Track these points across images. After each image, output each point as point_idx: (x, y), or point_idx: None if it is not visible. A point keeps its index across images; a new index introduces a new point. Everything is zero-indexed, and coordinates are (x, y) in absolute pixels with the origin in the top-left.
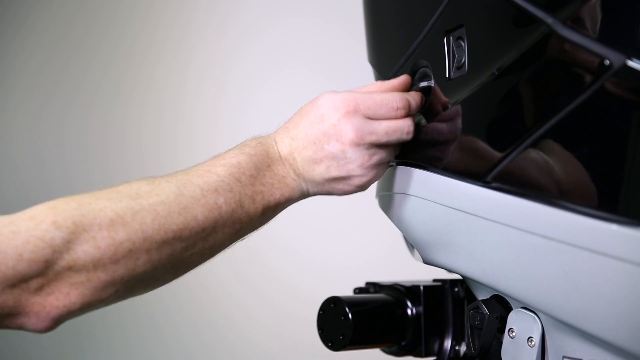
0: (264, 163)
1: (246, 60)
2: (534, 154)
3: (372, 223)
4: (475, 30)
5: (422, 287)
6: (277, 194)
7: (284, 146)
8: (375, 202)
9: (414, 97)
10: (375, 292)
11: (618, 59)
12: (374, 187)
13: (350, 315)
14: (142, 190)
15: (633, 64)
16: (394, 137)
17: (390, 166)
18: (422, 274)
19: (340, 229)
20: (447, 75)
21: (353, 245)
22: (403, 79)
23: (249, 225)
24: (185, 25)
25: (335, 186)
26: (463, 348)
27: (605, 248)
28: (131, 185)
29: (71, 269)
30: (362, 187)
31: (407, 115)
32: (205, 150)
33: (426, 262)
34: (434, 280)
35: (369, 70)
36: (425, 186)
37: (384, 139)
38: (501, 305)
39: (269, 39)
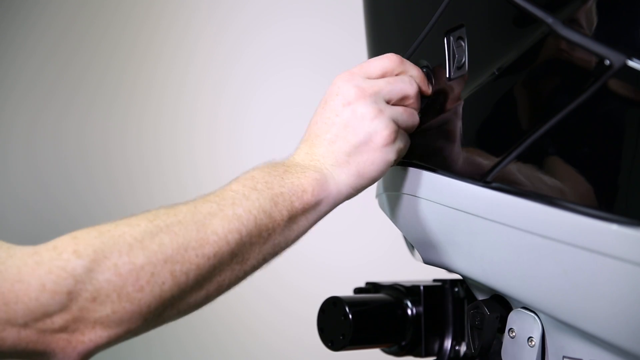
0: (279, 170)
1: (246, 60)
2: (535, 154)
3: (372, 223)
4: (475, 30)
5: (422, 287)
6: (299, 192)
7: (299, 152)
8: (375, 202)
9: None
10: (375, 292)
11: (618, 59)
12: (374, 187)
13: (350, 315)
14: (160, 213)
15: (633, 64)
16: (397, 88)
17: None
18: (422, 274)
19: (341, 229)
20: (447, 75)
21: (353, 245)
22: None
23: (278, 233)
24: (185, 25)
25: (362, 158)
26: (463, 348)
27: (605, 248)
28: (150, 211)
29: (95, 300)
30: (389, 150)
31: (405, 68)
32: (205, 150)
33: (426, 262)
34: (434, 280)
35: None
36: (425, 186)
37: (386, 88)
38: (501, 305)
39: (269, 39)
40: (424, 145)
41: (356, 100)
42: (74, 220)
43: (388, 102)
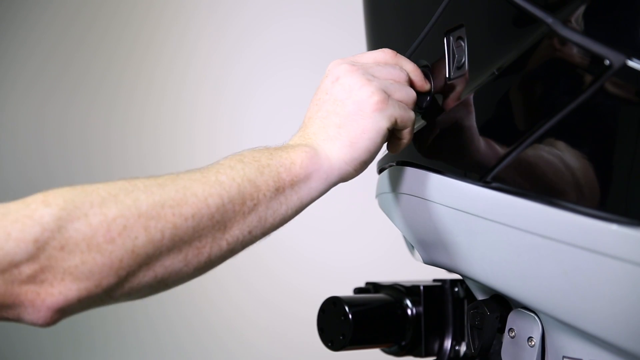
0: (270, 149)
1: (246, 60)
2: (534, 154)
3: (372, 223)
4: (475, 30)
5: (422, 287)
6: (287, 163)
7: (294, 136)
8: (375, 202)
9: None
10: (375, 292)
11: (618, 59)
12: (374, 187)
13: (350, 315)
14: (140, 178)
15: (633, 64)
16: (386, 71)
17: (390, 166)
18: (422, 274)
19: (340, 229)
20: (447, 75)
21: (353, 245)
22: None
23: (264, 204)
24: (185, 25)
25: (352, 127)
26: (463, 348)
27: (605, 248)
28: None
29: (63, 249)
30: (379, 117)
31: (398, 61)
32: (205, 149)
33: (426, 262)
34: (434, 280)
35: None
36: (425, 186)
37: (376, 69)
38: (501, 305)
39: (269, 39)
40: (423, 145)
41: (344, 75)
42: None
43: None
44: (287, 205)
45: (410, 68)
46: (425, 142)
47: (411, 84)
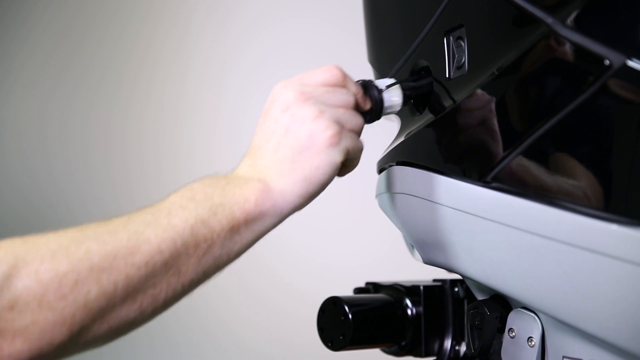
0: (220, 182)
1: (246, 60)
2: (534, 154)
3: (372, 223)
4: (475, 30)
5: (422, 287)
6: (241, 201)
7: (242, 165)
8: (375, 203)
9: (343, 71)
10: (375, 292)
11: (618, 59)
12: (374, 187)
13: (350, 315)
14: (92, 224)
15: (633, 64)
16: (336, 97)
17: (390, 166)
18: (422, 274)
19: (341, 229)
20: (447, 75)
21: (353, 245)
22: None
23: (218, 245)
24: (185, 25)
25: (306, 164)
26: (463, 348)
27: (605, 248)
28: (83, 224)
29: (13, 309)
30: (334, 152)
31: (346, 83)
32: (204, 149)
33: (426, 262)
34: (434, 280)
35: (369, 70)
36: (425, 186)
37: (326, 95)
38: (501, 305)
39: (269, 39)
40: (423, 145)
41: (295, 104)
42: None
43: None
44: (242, 243)
45: (355, 89)
46: (425, 142)
47: (356, 105)
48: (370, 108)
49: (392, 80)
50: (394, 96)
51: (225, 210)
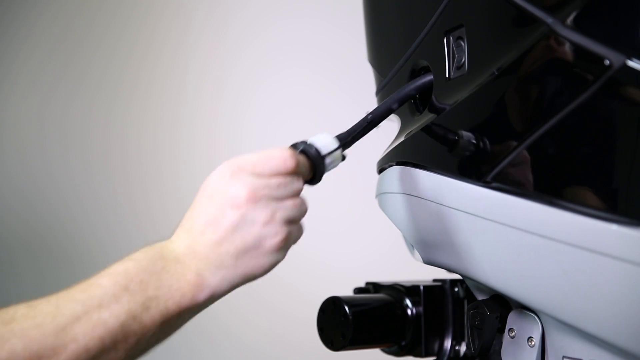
0: (156, 266)
1: (246, 60)
2: (534, 154)
3: (373, 223)
4: (475, 30)
5: (422, 287)
6: (176, 297)
7: (180, 242)
8: (375, 203)
9: (295, 155)
10: (375, 292)
11: (618, 59)
12: (374, 187)
13: (350, 315)
14: (18, 314)
15: (633, 64)
16: (289, 190)
17: (390, 166)
18: (422, 274)
19: (341, 229)
20: (447, 75)
21: (353, 245)
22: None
23: (148, 338)
24: (185, 25)
25: (250, 263)
26: (463, 348)
27: (605, 248)
28: (9, 309)
29: None
30: (280, 253)
31: (297, 170)
32: (204, 149)
33: (426, 262)
34: (434, 280)
35: (369, 70)
36: (425, 186)
37: (278, 192)
38: (501, 305)
39: (269, 39)
40: (423, 145)
41: (246, 204)
42: (73, 214)
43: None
44: (173, 331)
45: (304, 170)
46: (425, 142)
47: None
48: (313, 176)
49: (334, 144)
50: (335, 160)
51: (160, 305)
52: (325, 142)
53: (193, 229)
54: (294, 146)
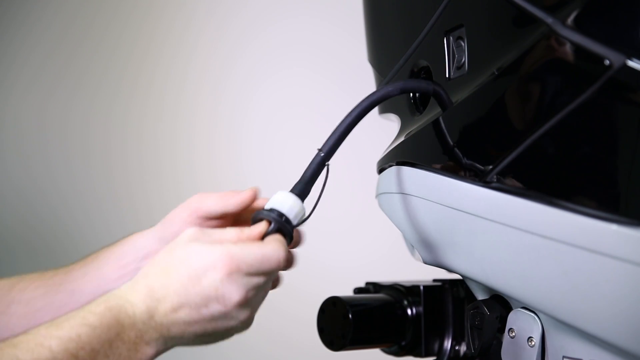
0: (111, 332)
1: (246, 60)
2: (534, 154)
3: (373, 223)
4: (475, 30)
5: (422, 287)
6: None
7: (144, 308)
8: (375, 203)
9: (285, 245)
10: (375, 292)
11: (618, 59)
12: (374, 187)
13: (350, 315)
14: None
15: (633, 64)
16: (270, 283)
17: (390, 166)
18: (422, 274)
19: (341, 229)
20: (447, 75)
21: (353, 245)
22: (260, 229)
23: None
24: (185, 25)
25: (208, 340)
26: (463, 348)
27: (605, 248)
28: None
29: None
30: (241, 331)
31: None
32: (204, 149)
33: (426, 262)
34: (434, 280)
35: (369, 70)
36: (425, 186)
37: (264, 288)
38: (501, 305)
39: (269, 39)
40: (423, 145)
41: (234, 308)
42: (73, 214)
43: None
44: None
45: (287, 256)
46: (426, 142)
47: None
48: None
49: (297, 205)
50: (300, 218)
51: None
52: (290, 207)
53: (164, 301)
54: (260, 214)
